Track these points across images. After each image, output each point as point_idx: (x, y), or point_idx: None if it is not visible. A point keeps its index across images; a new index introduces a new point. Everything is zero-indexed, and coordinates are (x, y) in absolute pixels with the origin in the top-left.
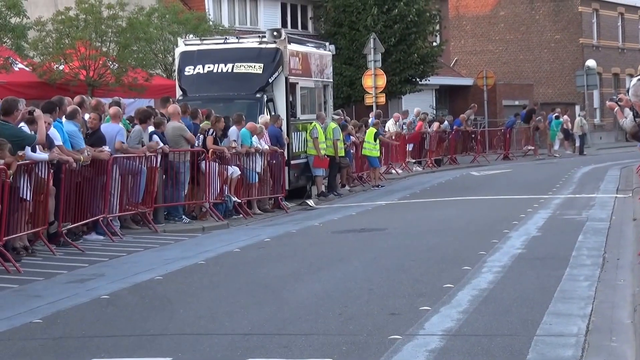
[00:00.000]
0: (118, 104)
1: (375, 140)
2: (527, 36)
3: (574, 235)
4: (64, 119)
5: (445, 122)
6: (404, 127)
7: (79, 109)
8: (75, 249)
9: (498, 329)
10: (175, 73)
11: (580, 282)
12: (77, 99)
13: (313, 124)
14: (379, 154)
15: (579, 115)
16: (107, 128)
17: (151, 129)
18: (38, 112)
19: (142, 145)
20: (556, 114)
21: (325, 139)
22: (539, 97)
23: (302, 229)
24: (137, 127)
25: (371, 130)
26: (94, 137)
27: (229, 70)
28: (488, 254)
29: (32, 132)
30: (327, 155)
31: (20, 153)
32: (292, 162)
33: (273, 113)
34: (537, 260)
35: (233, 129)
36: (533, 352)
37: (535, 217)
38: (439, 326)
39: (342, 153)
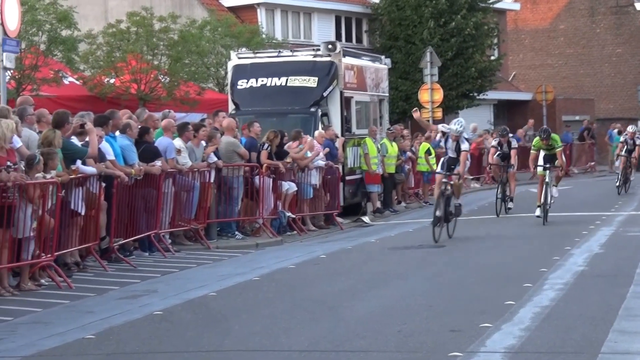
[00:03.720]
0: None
1: (430, 155)
2: (588, 50)
3: (637, 253)
4: (117, 133)
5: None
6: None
7: (132, 123)
8: (127, 264)
9: (561, 347)
10: (228, 87)
11: None
12: (125, 114)
13: (364, 140)
14: (431, 169)
15: None
16: (158, 142)
17: (203, 143)
18: (90, 126)
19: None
20: (617, 130)
21: (378, 154)
22: (599, 113)
23: (357, 246)
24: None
25: (424, 146)
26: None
27: (283, 84)
28: (549, 270)
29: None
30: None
31: (73, 167)
32: (347, 177)
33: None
34: (600, 277)
35: (289, 145)
36: None
37: (597, 234)
38: (501, 343)
39: (391, 169)
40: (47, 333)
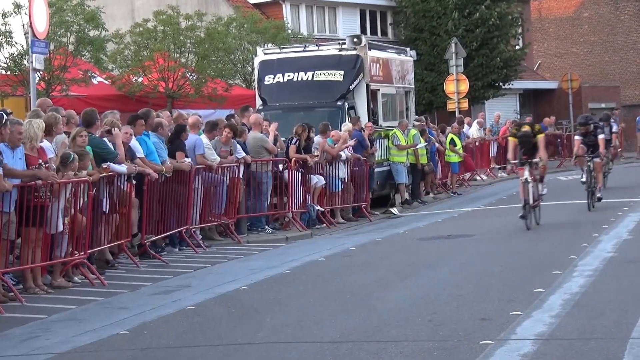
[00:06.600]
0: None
1: (456, 146)
2: (612, 37)
3: None
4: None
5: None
6: (484, 132)
7: (163, 121)
8: (158, 260)
9: (592, 333)
10: (255, 82)
11: None
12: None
13: (393, 131)
14: (458, 159)
15: None
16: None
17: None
18: (116, 131)
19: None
20: None
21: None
22: (625, 100)
23: (387, 237)
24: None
25: (449, 137)
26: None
27: (309, 79)
28: (578, 257)
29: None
30: (410, 163)
31: (104, 166)
32: (375, 169)
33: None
34: (630, 263)
35: (317, 139)
36: (629, 356)
37: (625, 220)
38: (531, 330)
39: (424, 160)
40: (82, 330)
